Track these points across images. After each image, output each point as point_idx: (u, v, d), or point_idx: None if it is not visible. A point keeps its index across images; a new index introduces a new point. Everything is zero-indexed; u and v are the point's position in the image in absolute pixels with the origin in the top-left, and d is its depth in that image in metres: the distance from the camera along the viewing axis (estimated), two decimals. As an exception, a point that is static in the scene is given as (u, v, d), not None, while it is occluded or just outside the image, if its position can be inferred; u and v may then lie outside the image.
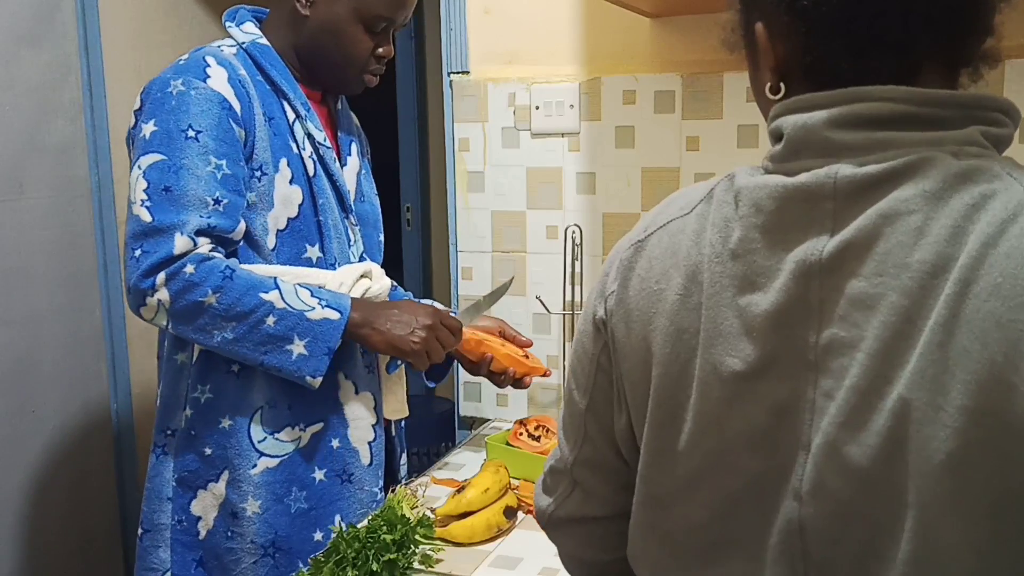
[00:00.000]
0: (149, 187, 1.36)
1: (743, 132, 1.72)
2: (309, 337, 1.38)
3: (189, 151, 1.36)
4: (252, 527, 1.45)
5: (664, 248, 0.76)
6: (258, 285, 1.37)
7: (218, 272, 1.35)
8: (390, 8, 1.48)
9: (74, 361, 2.22)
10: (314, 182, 1.48)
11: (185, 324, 1.37)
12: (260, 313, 1.36)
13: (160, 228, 1.34)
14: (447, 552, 1.32)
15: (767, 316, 0.68)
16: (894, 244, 0.63)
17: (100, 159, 2.26)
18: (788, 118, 0.69)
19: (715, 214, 0.72)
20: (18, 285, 2.06)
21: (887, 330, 0.62)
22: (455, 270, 1.96)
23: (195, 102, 1.38)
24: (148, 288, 1.34)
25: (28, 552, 2.11)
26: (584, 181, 1.83)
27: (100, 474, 2.32)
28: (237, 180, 1.40)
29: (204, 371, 1.46)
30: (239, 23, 1.52)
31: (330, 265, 1.50)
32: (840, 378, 0.65)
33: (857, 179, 0.65)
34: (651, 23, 1.77)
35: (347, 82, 1.54)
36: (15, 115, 2.04)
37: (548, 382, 1.89)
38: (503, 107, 1.87)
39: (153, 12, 2.45)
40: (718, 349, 0.70)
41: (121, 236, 2.32)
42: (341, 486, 1.50)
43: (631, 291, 0.78)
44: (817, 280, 0.66)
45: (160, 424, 1.51)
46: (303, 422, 1.47)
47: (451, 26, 1.91)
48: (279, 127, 1.46)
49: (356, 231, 1.57)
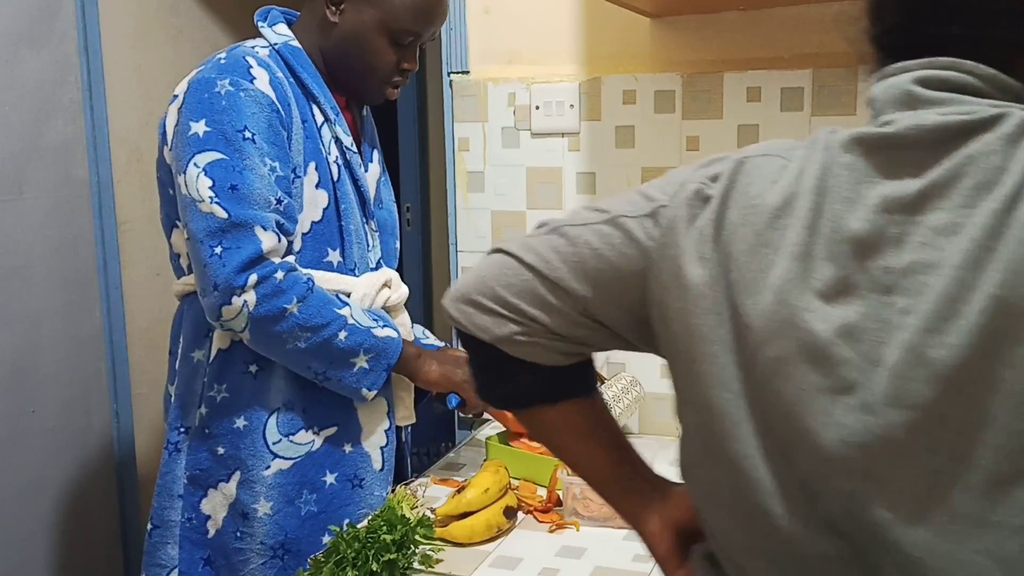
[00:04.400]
0: (215, 184, 1.34)
1: (743, 132, 1.72)
2: (373, 353, 1.43)
3: (248, 152, 1.36)
4: (262, 528, 1.45)
5: (764, 173, 0.78)
6: (333, 301, 1.42)
7: (302, 283, 1.38)
8: (418, 23, 1.47)
9: (74, 361, 2.22)
10: (338, 186, 1.48)
11: (263, 329, 1.37)
12: (334, 327, 1.40)
13: (239, 223, 1.33)
14: (447, 552, 1.32)
15: (850, 242, 0.71)
16: (977, 181, 0.68)
17: (100, 159, 2.26)
18: (881, 82, 0.76)
19: (812, 156, 0.76)
20: (18, 285, 2.06)
21: (972, 245, 0.67)
22: (455, 270, 1.96)
23: (246, 103, 1.37)
24: (239, 286, 1.33)
25: (28, 552, 2.11)
26: (584, 181, 1.83)
27: (100, 474, 2.32)
28: (288, 182, 1.41)
29: (221, 370, 1.46)
30: (271, 24, 1.51)
31: (350, 270, 1.51)
32: (920, 294, 0.68)
33: (942, 127, 0.70)
34: (651, 23, 1.77)
35: (368, 92, 1.54)
36: (15, 115, 2.04)
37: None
38: (503, 107, 1.87)
39: (153, 12, 2.45)
40: (799, 267, 0.73)
41: (121, 236, 2.32)
42: (352, 491, 1.50)
43: (732, 198, 0.78)
44: (900, 215, 0.70)
45: (174, 421, 1.51)
46: (317, 425, 1.47)
47: (451, 26, 1.91)
48: (310, 130, 1.46)
49: (375, 237, 1.57)
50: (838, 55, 1.65)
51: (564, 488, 1.43)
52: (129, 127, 2.34)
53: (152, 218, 1.53)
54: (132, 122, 2.34)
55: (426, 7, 1.47)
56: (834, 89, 1.65)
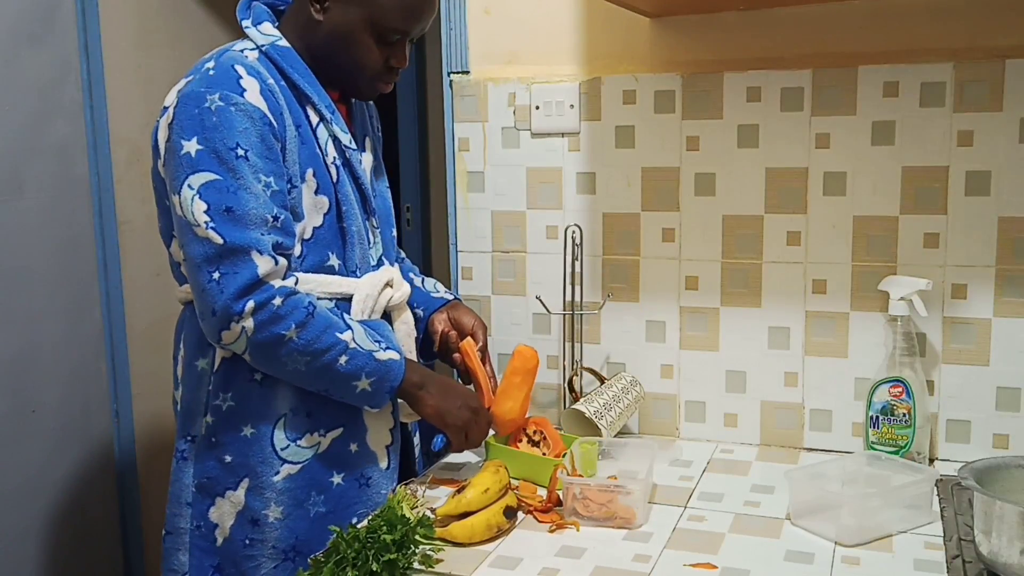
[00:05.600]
0: (210, 208, 1.34)
1: (743, 132, 1.72)
2: (375, 377, 1.44)
3: (242, 171, 1.35)
4: (274, 533, 1.45)
5: None
6: (335, 325, 1.41)
7: (302, 308, 1.38)
8: (404, 21, 1.46)
9: (74, 361, 2.22)
10: (339, 189, 1.48)
11: (262, 353, 1.39)
12: (335, 352, 1.40)
13: (235, 249, 1.33)
14: (447, 552, 1.32)
15: None
16: None
17: (100, 159, 2.26)
18: None
19: None
20: (18, 285, 2.06)
21: None
22: (455, 270, 1.96)
23: (237, 119, 1.35)
24: (237, 313, 1.34)
25: (28, 552, 2.11)
26: (584, 181, 1.83)
27: (100, 474, 2.32)
28: (283, 196, 1.40)
29: (226, 379, 1.46)
30: (256, 22, 1.48)
31: (351, 272, 1.51)
32: None
33: None
34: (651, 23, 1.77)
35: (358, 89, 1.53)
36: (15, 115, 2.04)
37: (548, 382, 1.89)
38: (503, 107, 1.87)
39: (153, 12, 2.45)
40: None
41: (121, 236, 2.32)
42: (359, 490, 1.50)
43: None
44: None
45: (182, 430, 1.51)
46: (323, 428, 1.48)
47: (451, 26, 1.91)
48: (305, 135, 1.45)
49: (376, 232, 1.57)
50: (838, 55, 1.65)
51: (564, 488, 1.43)
52: (129, 127, 2.34)
53: (152, 218, 1.53)
54: (132, 122, 2.34)
55: (412, 5, 1.46)
56: (834, 89, 1.65)
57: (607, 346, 1.85)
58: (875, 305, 1.66)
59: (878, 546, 1.32)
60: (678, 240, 1.78)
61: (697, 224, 1.76)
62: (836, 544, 1.32)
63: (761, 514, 1.44)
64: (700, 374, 1.79)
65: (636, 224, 1.80)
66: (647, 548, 1.33)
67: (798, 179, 1.69)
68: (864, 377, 1.68)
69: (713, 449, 1.75)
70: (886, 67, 1.62)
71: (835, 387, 1.71)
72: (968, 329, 1.62)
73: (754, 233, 1.73)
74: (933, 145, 1.61)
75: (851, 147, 1.65)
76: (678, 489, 1.55)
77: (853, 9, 1.63)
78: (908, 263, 1.64)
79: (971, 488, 1.20)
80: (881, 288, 1.62)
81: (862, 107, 1.64)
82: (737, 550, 1.32)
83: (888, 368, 1.59)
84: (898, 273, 1.64)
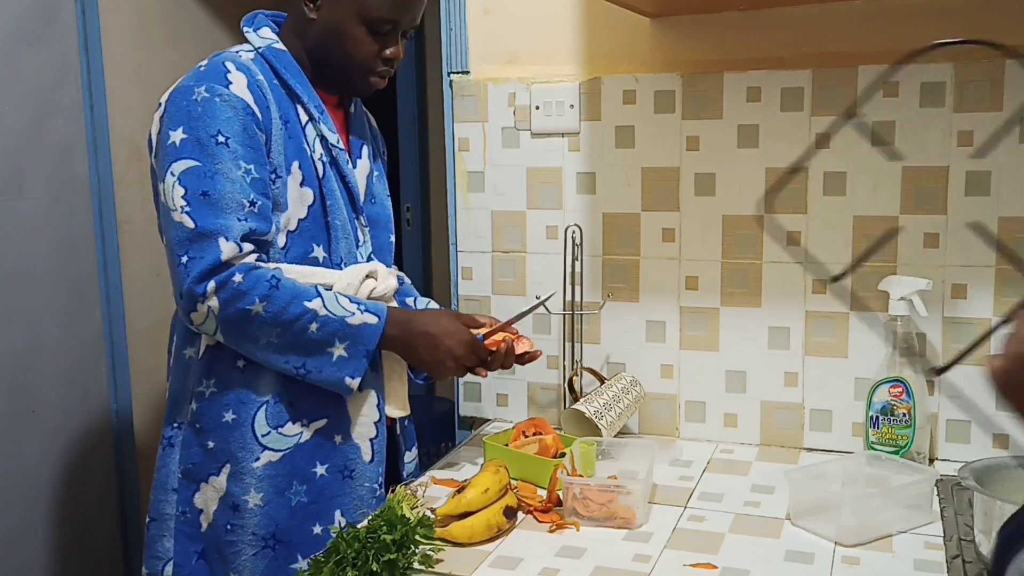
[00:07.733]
0: (187, 193, 1.39)
1: (743, 132, 1.72)
2: (349, 341, 1.45)
3: (221, 157, 1.39)
4: (253, 519, 1.47)
5: None
6: (302, 294, 1.43)
7: (264, 281, 1.40)
8: (393, 10, 1.48)
9: (74, 361, 2.22)
10: (324, 183, 1.51)
11: (233, 331, 1.42)
12: (304, 321, 1.42)
13: (204, 233, 1.38)
14: (447, 552, 1.32)
15: None
16: None
17: (100, 159, 2.26)
18: None
19: None
20: (18, 285, 2.06)
21: None
22: (455, 270, 1.96)
23: (221, 109, 1.40)
24: (200, 295, 1.38)
25: (28, 551, 2.11)
26: (584, 181, 1.83)
27: (100, 474, 2.32)
28: (264, 183, 1.44)
29: (209, 366, 1.49)
30: (256, 28, 1.54)
31: (336, 265, 1.53)
32: None
33: None
34: (651, 23, 1.77)
35: (353, 84, 1.55)
36: (15, 115, 2.04)
37: (548, 382, 1.89)
38: (503, 107, 1.87)
39: (153, 12, 2.45)
40: None
41: (121, 236, 2.32)
42: (342, 482, 1.52)
43: None
44: None
45: (168, 418, 1.54)
46: (306, 418, 1.50)
47: (451, 26, 1.91)
48: (293, 130, 1.49)
49: (366, 232, 1.60)
50: (838, 55, 1.65)
51: (564, 488, 1.43)
52: (129, 127, 2.34)
53: (152, 218, 1.54)
54: (132, 122, 2.34)
55: None
56: (834, 89, 1.65)
57: (607, 346, 1.85)
58: (875, 305, 1.66)
59: (878, 546, 1.32)
60: (678, 240, 1.78)
61: (697, 224, 1.76)
62: (836, 544, 1.32)
63: (761, 514, 1.44)
64: (700, 374, 1.79)
65: (636, 224, 1.80)
66: (647, 548, 1.33)
67: (798, 179, 1.69)
68: (864, 377, 1.68)
69: (713, 449, 1.75)
70: (886, 67, 1.62)
71: (835, 387, 1.71)
72: (968, 329, 1.62)
73: (754, 233, 1.73)
74: (933, 145, 1.61)
75: (851, 147, 1.65)
76: (678, 489, 1.55)
77: (853, 9, 1.63)
78: (908, 263, 1.64)
79: (971, 488, 1.21)
80: (881, 288, 1.62)
81: (862, 107, 1.64)
82: (737, 550, 1.32)
83: (888, 368, 1.59)
84: (898, 273, 1.64)
